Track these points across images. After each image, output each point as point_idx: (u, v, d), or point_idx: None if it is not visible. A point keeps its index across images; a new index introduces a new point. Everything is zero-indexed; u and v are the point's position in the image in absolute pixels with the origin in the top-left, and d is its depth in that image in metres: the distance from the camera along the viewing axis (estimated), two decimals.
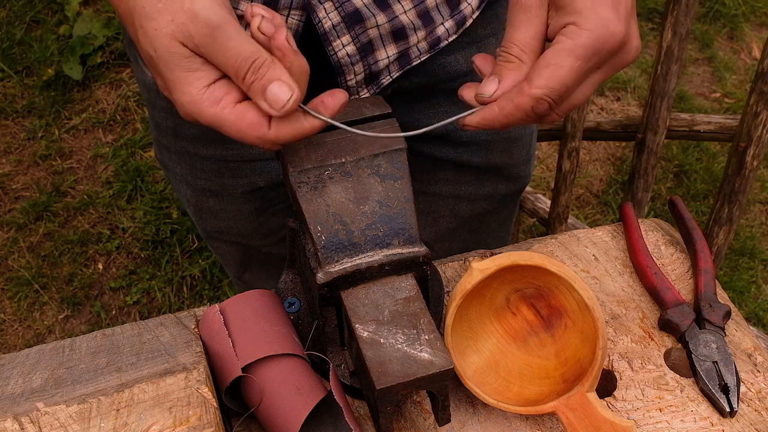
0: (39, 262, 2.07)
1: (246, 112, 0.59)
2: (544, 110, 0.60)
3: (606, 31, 0.59)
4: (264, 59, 0.58)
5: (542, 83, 0.59)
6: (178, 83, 0.59)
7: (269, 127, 0.59)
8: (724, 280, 2.07)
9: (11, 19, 2.54)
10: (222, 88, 0.59)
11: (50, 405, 0.63)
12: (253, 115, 0.59)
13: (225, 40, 0.57)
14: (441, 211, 1.03)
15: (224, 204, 0.99)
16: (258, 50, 0.58)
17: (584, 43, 0.59)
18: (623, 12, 0.60)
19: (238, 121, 0.59)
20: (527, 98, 0.60)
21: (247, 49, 0.57)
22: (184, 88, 0.59)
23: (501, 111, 0.61)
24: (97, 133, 2.34)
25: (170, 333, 0.70)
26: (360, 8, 0.78)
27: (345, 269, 0.65)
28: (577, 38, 0.59)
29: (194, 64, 0.58)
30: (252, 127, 0.59)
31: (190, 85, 0.58)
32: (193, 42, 0.57)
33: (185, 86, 0.58)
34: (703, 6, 2.67)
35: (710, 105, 2.45)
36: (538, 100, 0.60)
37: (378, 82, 0.85)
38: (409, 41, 0.82)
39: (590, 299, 0.67)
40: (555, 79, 0.59)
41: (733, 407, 0.71)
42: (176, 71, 0.58)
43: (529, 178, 1.07)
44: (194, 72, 0.58)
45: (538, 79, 0.59)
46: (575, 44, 0.59)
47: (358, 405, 0.72)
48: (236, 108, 0.59)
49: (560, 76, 0.59)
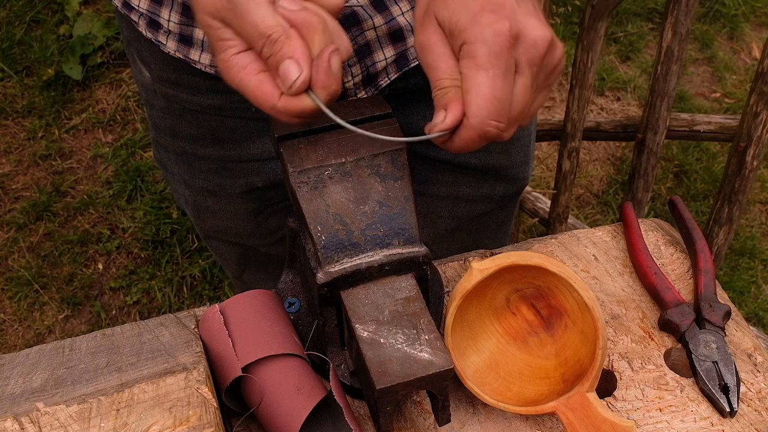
0: (39, 262, 2.07)
1: (265, 81, 0.61)
2: (494, 133, 0.61)
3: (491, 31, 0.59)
4: (280, 34, 0.59)
5: (474, 111, 0.60)
6: (215, 51, 0.63)
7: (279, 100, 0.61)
8: (724, 280, 2.07)
9: (11, 19, 2.54)
10: (249, 56, 0.61)
11: (50, 405, 0.63)
12: (269, 87, 0.61)
13: (244, 14, 0.59)
14: (439, 213, 1.03)
15: (222, 204, 0.99)
16: (275, 25, 0.59)
17: (481, 52, 0.59)
18: (506, 9, 0.60)
19: (256, 89, 0.61)
20: (471, 131, 0.61)
21: (264, 23, 0.59)
22: (219, 55, 0.62)
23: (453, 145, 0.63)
24: (97, 133, 2.34)
25: (170, 333, 0.70)
26: (357, 10, 0.78)
27: (345, 269, 0.65)
28: (474, 53, 0.60)
29: (226, 34, 0.61)
30: (265, 96, 0.61)
31: (224, 51, 0.62)
32: (221, 15, 0.60)
33: (220, 53, 0.62)
34: (703, 6, 2.68)
35: (710, 105, 2.45)
36: (481, 128, 0.60)
37: (376, 84, 0.84)
38: (406, 43, 0.82)
39: (590, 299, 0.67)
40: (481, 99, 0.60)
41: (733, 407, 0.71)
42: (213, 41, 0.62)
43: (527, 180, 1.07)
44: (226, 41, 0.61)
45: (468, 108, 0.60)
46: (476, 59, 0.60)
47: (358, 405, 0.72)
48: (258, 76, 0.61)
49: (483, 93, 0.60)
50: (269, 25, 0.59)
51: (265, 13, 0.59)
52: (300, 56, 0.59)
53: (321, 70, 0.60)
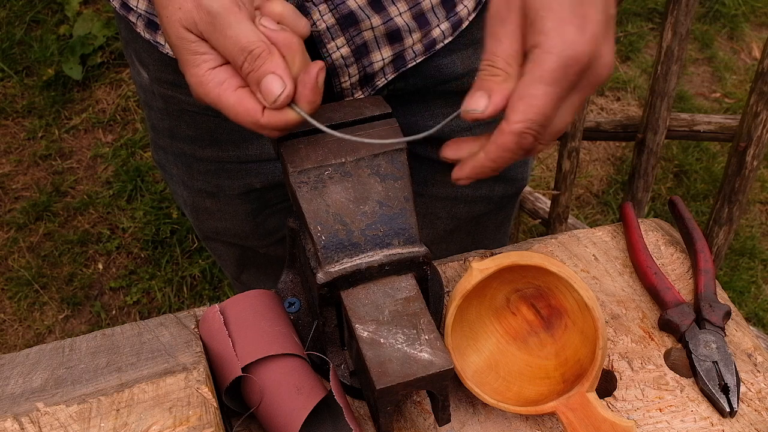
0: (39, 262, 2.07)
1: (244, 97, 0.60)
2: (530, 143, 0.60)
3: (571, 52, 0.58)
4: (261, 50, 0.58)
5: (520, 117, 0.58)
6: (187, 65, 0.61)
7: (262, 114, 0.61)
8: (724, 280, 2.07)
9: (11, 19, 2.54)
10: (226, 71, 0.61)
11: (50, 405, 0.63)
12: (250, 102, 0.60)
13: (224, 29, 0.58)
14: (438, 213, 1.03)
15: (221, 205, 0.99)
16: (256, 40, 0.58)
17: (551, 67, 0.58)
18: (590, 31, 0.58)
19: (236, 105, 0.60)
20: (510, 136, 0.59)
21: (245, 39, 0.58)
22: (192, 70, 0.61)
23: (487, 156, 0.60)
24: (97, 133, 2.34)
25: (170, 333, 0.70)
26: (355, 10, 0.78)
27: (345, 269, 0.65)
28: (543, 64, 0.58)
29: (201, 48, 0.60)
30: (247, 112, 0.60)
31: (197, 66, 0.61)
32: (197, 28, 0.59)
33: (193, 68, 0.61)
34: (703, 6, 2.67)
35: (710, 105, 2.45)
36: (521, 134, 0.59)
37: (373, 84, 0.84)
38: (404, 43, 0.82)
39: (590, 299, 0.67)
40: (532, 110, 0.58)
41: (733, 407, 0.71)
42: (185, 54, 0.61)
43: (526, 180, 1.06)
44: (201, 55, 0.60)
45: (514, 114, 0.59)
46: (543, 71, 0.58)
47: (358, 405, 0.72)
48: (237, 92, 0.60)
49: (536, 105, 0.58)
50: (251, 40, 0.58)
51: (247, 28, 0.59)
52: (282, 71, 0.59)
53: (308, 86, 0.59)
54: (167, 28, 0.61)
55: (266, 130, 0.62)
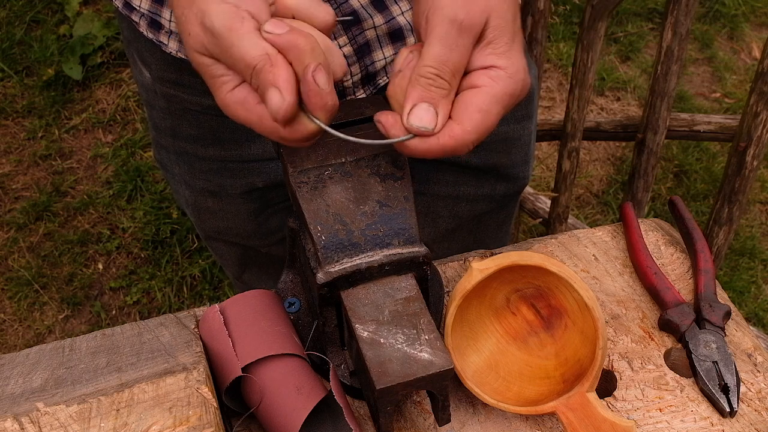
0: (39, 262, 2.07)
1: (264, 114, 0.59)
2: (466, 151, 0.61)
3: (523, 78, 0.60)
4: (264, 63, 0.57)
5: (472, 129, 0.59)
6: (212, 89, 0.61)
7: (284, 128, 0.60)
8: (724, 280, 2.07)
9: (11, 19, 2.54)
10: (244, 89, 0.60)
11: (50, 405, 0.63)
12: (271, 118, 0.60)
13: (229, 48, 0.57)
14: (440, 212, 1.03)
15: (223, 204, 0.99)
16: (259, 55, 0.57)
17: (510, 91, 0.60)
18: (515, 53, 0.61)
19: (259, 123, 0.60)
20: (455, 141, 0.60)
21: (248, 55, 0.57)
22: (216, 93, 0.60)
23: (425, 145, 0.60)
24: (97, 133, 2.34)
25: (170, 333, 0.70)
26: (357, 9, 0.78)
27: (345, 269, 0.65)
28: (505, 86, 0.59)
29: (218, 71, 0.59)
30: (271, 128, 0.60)
31: (219, 89, 0.60)
32: (209, 51, 0.59)
33: (216, 90, 0.60)
34: (703, 6, 2.67)
35: (710, 105, 2.45)
36: (466, 143, 0.60)
37: (375, 83, 0.85)
38: (406, 42, 0.82)
39: (590, 299, 0.67)
40: (484, 125, 0.59)
41: (733, 407, 0.71)
42: (207, 79, 0.60)
43: (527, 179, 1.07)
44: (220, 77, 0.60)
45: (469, 123, 0.59)
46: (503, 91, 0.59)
47: (358, 405, 0.72)
48: (257, 108, 0.59)
49: (489, 121, 0.59)
50: (253, 56, 0.57)
51: (249, 43, 0.57)
52: (282, 83, 0.57)
53: (310, 93, 0.57)
54: (189, 56, 0.61)
55: (292, 142, 0.61)
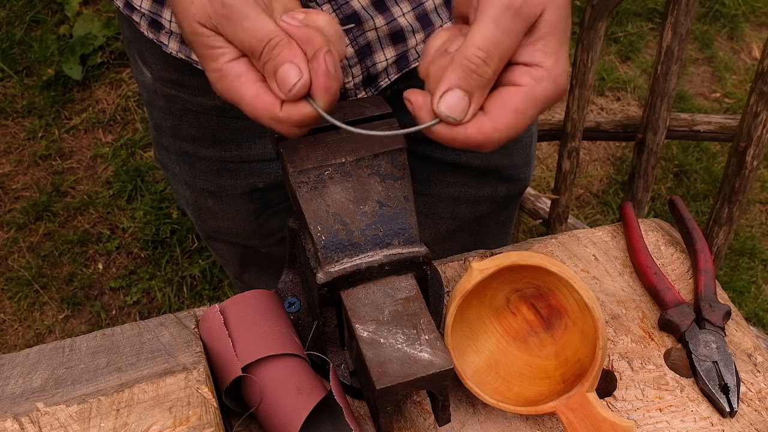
0: (39, 262, 2.07)
1: (262, 92, 0.59)
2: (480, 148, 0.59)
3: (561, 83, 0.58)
4: (279, 39, 0.57)
5: (504, 127, 0.57)
6: (205, 59, 0.60)
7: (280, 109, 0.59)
8: (724, 280, 2.07)
9: (11, 19, 2.54)
10: (244, 64, 0.59)
11: (50, 405, 0.63)
12: (269, 97, 0.59)
13: (240, 20, 0.57)
14: (441, 213, 1.03)
15: (223, 205, 0.99)
16: (274, 30, 0.57)
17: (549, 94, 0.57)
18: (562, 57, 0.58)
19: (254, 100, 0.59)
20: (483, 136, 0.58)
21: (263, 29, 0.57)
22: (211, 64, 0.60)
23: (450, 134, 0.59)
24: (97, 133, 2.34)
25: (170, 333, 0.70)
26: (358, 10, 0.78)
27: (345, 269, 0.65)
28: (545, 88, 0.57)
29: (217, 42, 0.59)
30: (265, 107, 0.59)
31: (215, 60, 0.59)
32: (211, 22, 0.58)
33: (211, 62, 0.59)
34: (703, 6, 2.67)
35: (710, 105, 2.45)
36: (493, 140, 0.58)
37: (376, 85, 0.84)
38: (407, 44, 0.82)
39: (590, 299, 0.67)
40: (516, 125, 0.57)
41: (733, 407, 0.71)
42: (202, 49, 0.59)
43: (528, 181, 1.07)
44: (218, 48, 0.59)
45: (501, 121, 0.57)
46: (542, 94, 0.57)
47: (358, 405, 0.72)
48: (255, 85, 0.59)
49: (522, 124, 0.57)
50: (269, 29, 0.57)
51: (265, 19, 0.57)
52: (300, 61, 0.57)
53: (320, 72, 0.57)
54: (182, 23, 0.60)
55: (284, 126, 0.60)
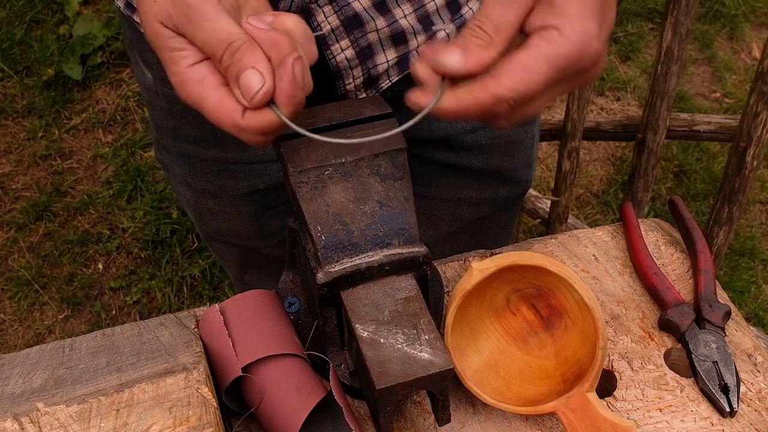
0: (39, 262, 2.07)
1: (224, 98, 0.56)
2: (501, 113, 0.57)
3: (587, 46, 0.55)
4: (241, 43, 0.55)
5: (511, 84, 0.55)
6: (166, 63, 0.58)
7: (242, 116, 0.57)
8: (724, 280, 2.07)
9: (11, 19, 2.54)
10: (206, 68, 0.57)
11: (50, 405, 0.63)
12: (231, 103, 0.56)
13: (201, 21, 0.55)
14: (442, 215, 1.03)
15: (224, 205, 0.99)
16: (236, 33, 0.55)
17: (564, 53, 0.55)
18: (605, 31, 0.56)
19: (216, 106, 0.56)
20: (489, 96, 0.56)
21: (224, 31, 0.55)
22: (172, 68, 0.57)
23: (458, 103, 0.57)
24: (97, 133, 2.34)
25: (170, 333, 0.70)
26: (359, 12, 0.77)
27: (345, 269, 0.65)
28: (557, 46, 0.55)
29: (178, 44, 0.56)
30: (227, 114, 0.56)
31: (177, 64, 0.57)
32: (173, 22, 0.56)
33: (172, 65, 0.57)
34: (703, 6, 2.67)
35: (710, 105, 2.45)
36: (501, 101, 0.55)
37: (377, 86, 0.84)
38: (408, 45, 0.82)
39: (590, 299, 0.67)
40: (525, 84, 0.55)
41: (733, 407, 0.71)
42: (163, 51, 0.57)
43: (530, 183, 1.06)
44: (179, 51, 0.57)
45: (507, 78, 0.55)
46: (555, 52, 0.55)
47: (358, 405, 0.72)
48: (217, 90, 0.56)
49: (532, 81, 0.55)
50: (231, 32, 0.55)
51: (226, 20, 0.55)
52: (263, 67, 0.55)
53: (285, 79, 0.55)
54: (144, 24, 0.57)
55: (246, 134, 0.57)
